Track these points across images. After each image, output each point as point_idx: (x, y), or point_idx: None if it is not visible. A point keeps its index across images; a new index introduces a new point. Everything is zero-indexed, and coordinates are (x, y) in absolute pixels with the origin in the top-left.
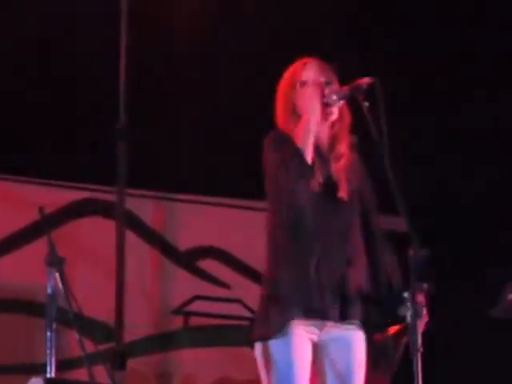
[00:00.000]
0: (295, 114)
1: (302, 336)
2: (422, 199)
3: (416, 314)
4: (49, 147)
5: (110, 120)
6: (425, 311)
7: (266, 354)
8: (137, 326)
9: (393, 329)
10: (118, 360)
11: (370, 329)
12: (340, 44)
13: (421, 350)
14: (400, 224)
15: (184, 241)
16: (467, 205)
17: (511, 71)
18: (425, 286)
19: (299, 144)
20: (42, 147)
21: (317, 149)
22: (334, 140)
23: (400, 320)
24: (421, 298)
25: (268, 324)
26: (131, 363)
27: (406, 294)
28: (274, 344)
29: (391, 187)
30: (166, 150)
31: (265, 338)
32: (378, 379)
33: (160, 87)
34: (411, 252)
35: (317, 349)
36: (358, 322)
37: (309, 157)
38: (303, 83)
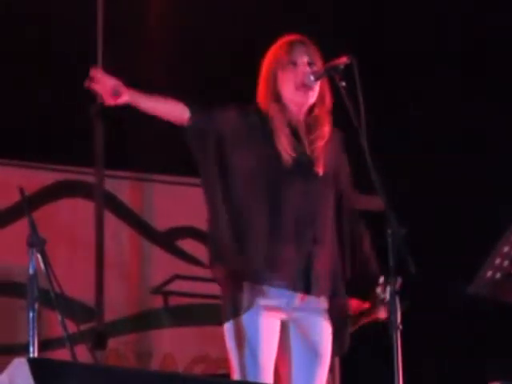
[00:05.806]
0: (275, 92)
1: (270, 314)
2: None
3: (395, 291)
4: (28, 129)
5: (88, 103)
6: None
7: (236, 332)
8: (117, 306)
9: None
10: (98, 340)
11: (336, 308)
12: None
13: (400, 327)
14: (375, 203)
15: (162, 221)
16: None
17: None
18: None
19: None
20: (22, 129)
21: (294, 129)
22: (315, 123)
23: (369, 300)
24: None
25: (236, 301)
26: (111, 343)
27: (381, 280)
28: (243, 321)
29: (369, 167)
30: (142, 131)
31: (234, 316)
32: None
33: (134, 68)
34: (389, 231)
35: (284, 325)
36: (324, 299)
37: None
38: (289, 63)
